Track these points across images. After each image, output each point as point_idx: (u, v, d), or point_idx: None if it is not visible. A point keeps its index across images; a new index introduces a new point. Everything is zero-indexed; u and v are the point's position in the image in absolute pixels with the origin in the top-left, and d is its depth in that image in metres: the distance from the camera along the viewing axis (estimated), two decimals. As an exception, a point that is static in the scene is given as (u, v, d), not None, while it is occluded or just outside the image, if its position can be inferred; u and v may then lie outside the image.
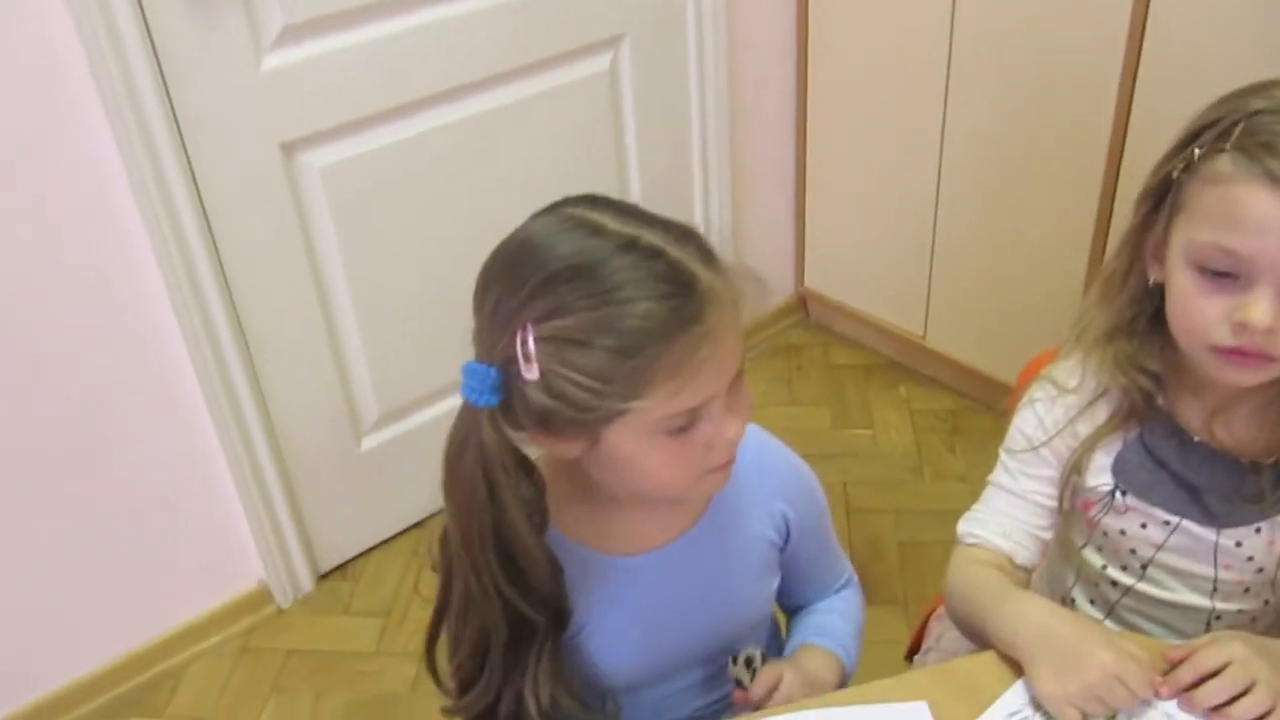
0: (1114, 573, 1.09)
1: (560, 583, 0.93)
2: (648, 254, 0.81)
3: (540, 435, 0.86)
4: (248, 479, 1.88)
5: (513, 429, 0.86)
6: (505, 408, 0.85)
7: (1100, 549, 1.09)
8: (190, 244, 1.66)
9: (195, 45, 1.58)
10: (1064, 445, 1.04)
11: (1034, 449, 1.05)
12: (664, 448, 0.85)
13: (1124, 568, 1.08)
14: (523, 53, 1.92)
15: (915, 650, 1.34)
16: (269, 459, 1.89)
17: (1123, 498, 1.03)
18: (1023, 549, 1.06)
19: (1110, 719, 0.87)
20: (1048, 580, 1.19)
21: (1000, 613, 0.95)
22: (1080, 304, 1.06)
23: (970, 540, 1.07)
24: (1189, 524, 1.01)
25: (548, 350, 0.81)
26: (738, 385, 0.87)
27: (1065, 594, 1.16)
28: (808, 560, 1.10)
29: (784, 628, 1.18)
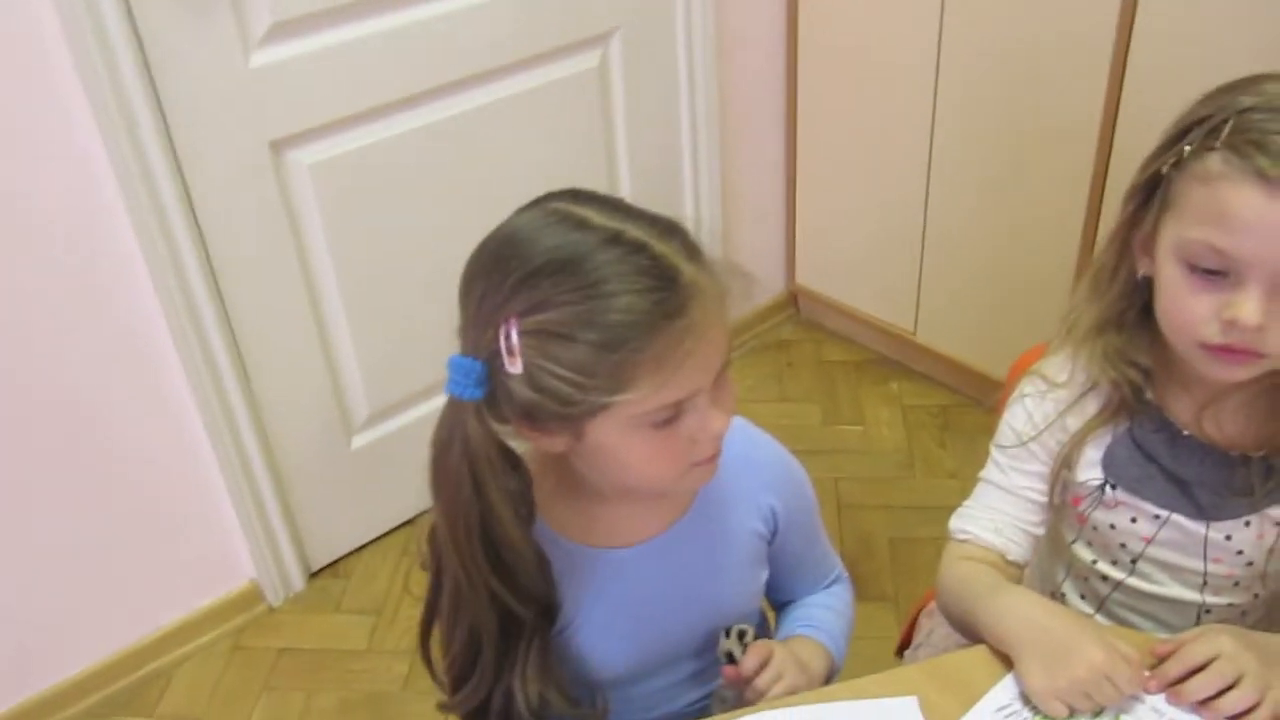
0: (1104, 567, 1.09)
1: (548, 577, 0.93)
2: (631, 248, 0.81)
3: (525, 429, 0.87)
4: (238, 478, 1.87)
5: (498, 423, 0.86)
6: (490, 402, 0.85)
7: (1090, 544, 1.09)
8: (178, 242, 1.65)
9: (182, 42, 1.57)
10: (1054, 440, 1.04)
11: (1024, 444, 1.05)
12: (648, 441, 0.85)
13: (1114, 562, 1.08)
14: (513, 49, 1.92)
15: (906, 646, 1.34)
16: (259, 457, 1.89)
17: (1112, 492, 1.03)
18: (1014, 545, 1.06)
19: (1097, 714, 0.87)
20: (1038, 575, 1.19)
21: (990, 607, 0.95)
22: (1070, 298, 1.06)
23: (962, 536, 1.08)
24: (1178, 518, 1.01)
25: (531, 344, 0.81)
26: (723, 379, 0.87)
27: (1056, 589, 1.16)
28: (796, 554, 1.10)
29: (773, 623, 1.18)
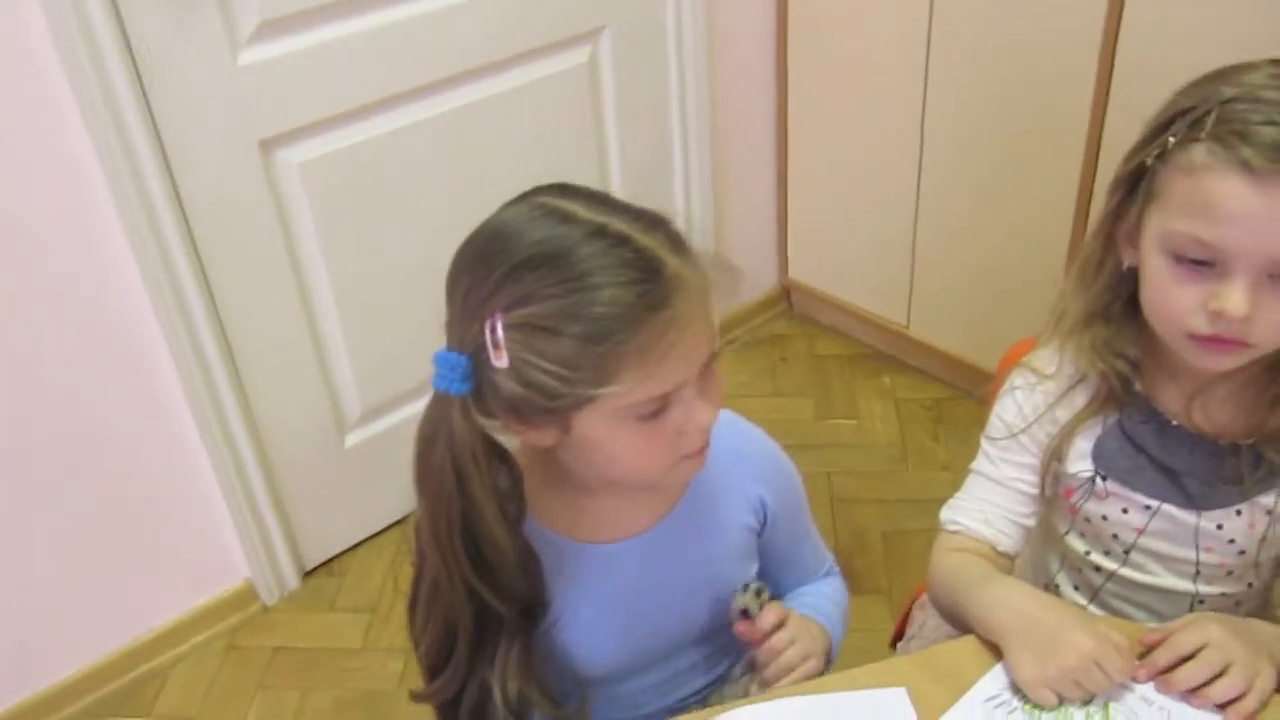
0: (1097, 558, 1.09)
1: (534, 576, 0.93)
2: (615, 241, 0.81)
3: (512, 423, 0.87)
4: (231, 477, 1.87)
5: (485, 417, 0.86)
6: (477, 396, 0.85)
7: (1083, 535, 1.09)
8: (169, 242, 1.65)
9: (171, 41, 1.57)
10: (1044, 432, 1.05)
11: (1014, 436, 1.06)
12: (635, 434, 0.85)
13: (1107, 553, 1.08)
14: (502, 46, 1.92)
15: (899, 638, 1.35)
16: (252, 457, 1.88)
17: (1103, 483, 1.03)
18: (1005, 536, 1.06)
19: (1087, 702, 0.87)
20: (1032, 567, 1.19)
21: (980, 597, 0.95)
22: (1058, 291, 1.06)
23: (952, 528, 1.08)
24: (1169, 508, 1.01)
25: (517, 338, 0.81)
26: (710, 371, 0.87)
27: (1050, 580, 1.16)
28: (786, 546, 1.10)
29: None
